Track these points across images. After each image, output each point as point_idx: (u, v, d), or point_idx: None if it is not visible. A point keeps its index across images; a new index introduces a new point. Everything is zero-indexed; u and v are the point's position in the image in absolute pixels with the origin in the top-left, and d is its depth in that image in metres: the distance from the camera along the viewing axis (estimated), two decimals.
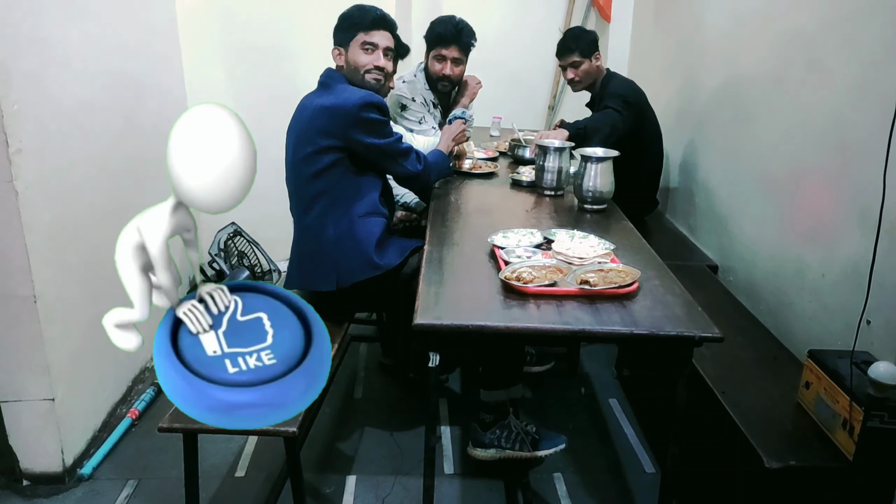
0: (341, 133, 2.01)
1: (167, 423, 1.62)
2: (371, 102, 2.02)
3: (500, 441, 2.11)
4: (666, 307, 1.55)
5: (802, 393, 1.70)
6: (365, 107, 2.00)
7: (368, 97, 2.02)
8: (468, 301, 1.58)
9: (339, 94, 2.05)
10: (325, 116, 2.02)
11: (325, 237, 2.06)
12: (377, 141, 2.06)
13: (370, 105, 2.02)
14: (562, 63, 3.00)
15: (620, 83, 2.92)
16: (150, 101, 2.83)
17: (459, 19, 2.77)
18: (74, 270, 2.16)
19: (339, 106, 2.01)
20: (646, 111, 2.94)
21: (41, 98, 1.98)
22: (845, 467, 1.50)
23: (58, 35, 2.09)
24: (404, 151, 2.18)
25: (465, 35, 2.75)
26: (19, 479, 2.08)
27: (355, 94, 2.03)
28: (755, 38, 2.43)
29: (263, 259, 3.60)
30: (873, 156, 1.63)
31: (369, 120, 2.02)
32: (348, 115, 1.99)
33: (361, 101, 2.00)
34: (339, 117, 2.00)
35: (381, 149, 2.09)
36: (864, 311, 1.59)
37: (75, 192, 2.18)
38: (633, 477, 2.21)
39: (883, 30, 1.69)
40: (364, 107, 2.00)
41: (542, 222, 2.15)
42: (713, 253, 2.74)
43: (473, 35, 2.79)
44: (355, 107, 1.99)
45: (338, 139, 2.02)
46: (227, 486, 2.12)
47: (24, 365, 1.98)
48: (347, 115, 1.99)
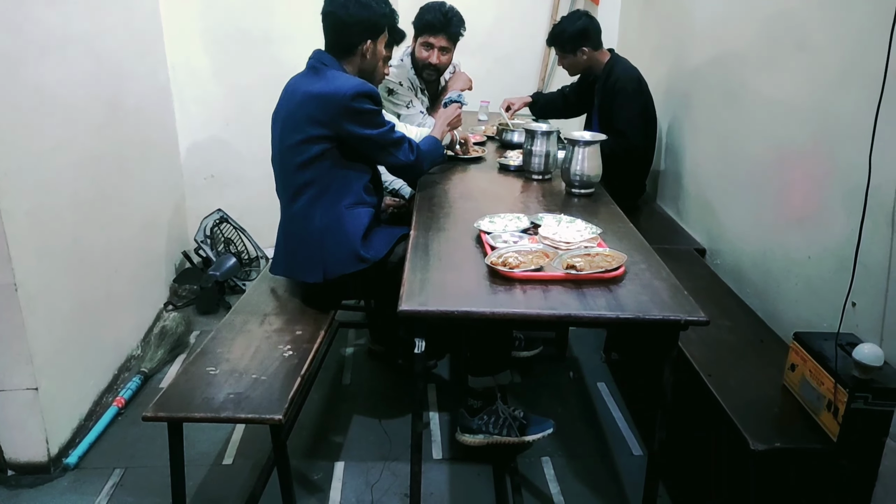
0: (332, 122, 1.95)
1: (151, 412, 1.60)
2: (364, 92, 1.95)
3: (488, 427, 2.11)
4: (652, 291, 1.54)
5: (788, 375, 1.71)
6: (358, 96, 1.93)
7: (361, 86, 1.96)
8: (454, 287, 1.57)
9: (330, 81, 1.97)
10: (315, 104, 1.95)
11: (312, 227, 2.03)
12: (369, 132, 2.00)
13: (363, 94, 1.95)
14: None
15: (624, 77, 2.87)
16: (132, 86, 2.79)
17: (449, 6, 2.73)
18: (57, 258, 2.13)
19: (330, 94, 1.93)
20: (647, 101, 2.95)
21: (19, 83, 1.94)
22: (830, 449, 1.51)
23: (35, 19, 2.04)
24: (396, 141, 2.11)
25: (454, 24, 2.71)
26: (4, 469, 2.07)
27: (348, 82, 1.96)
28: (743, 20, 2.42)
29: (250, 245, 3.58)
30: (859, 137, 1.63)
31: (362, 110, 1.96)
32: (340, 104, 1.92)
33: (354, 91, 1.93)
34: (331, 106, 1.93)
35: (372, 139, 2.02)
36: (850, 293, 1.59)
37: (56, 178, 2.14)
38: (621, 459, 2.22)
39: (870, 10, 1.68)
40: (357, 96, 1.93)
41: (529, 207, 2.13)
42: (701, 236, 2.74)
43: (463, 23, 2.76)
44: (348, 96, 1.92)
45: (328, 128, 1.95)
46: (214, 473, 2.12)
47: (6, 354, 1.96)
48: (339, 104, 1.92)
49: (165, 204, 3.25)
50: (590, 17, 2.95)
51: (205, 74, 3.42)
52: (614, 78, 2.87)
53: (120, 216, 2.63)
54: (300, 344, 1.88)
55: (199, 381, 1.71)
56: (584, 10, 3.10)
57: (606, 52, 2.96)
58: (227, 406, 1.61)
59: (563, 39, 2.90)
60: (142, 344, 2.81)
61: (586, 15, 2.95)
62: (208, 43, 3.39)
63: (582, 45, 2.88)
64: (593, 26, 2.91)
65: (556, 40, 2.94)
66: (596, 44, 2.91)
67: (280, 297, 2.18)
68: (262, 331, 1.96)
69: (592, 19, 2.94)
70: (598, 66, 2.95)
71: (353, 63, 2.08)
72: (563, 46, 2.92)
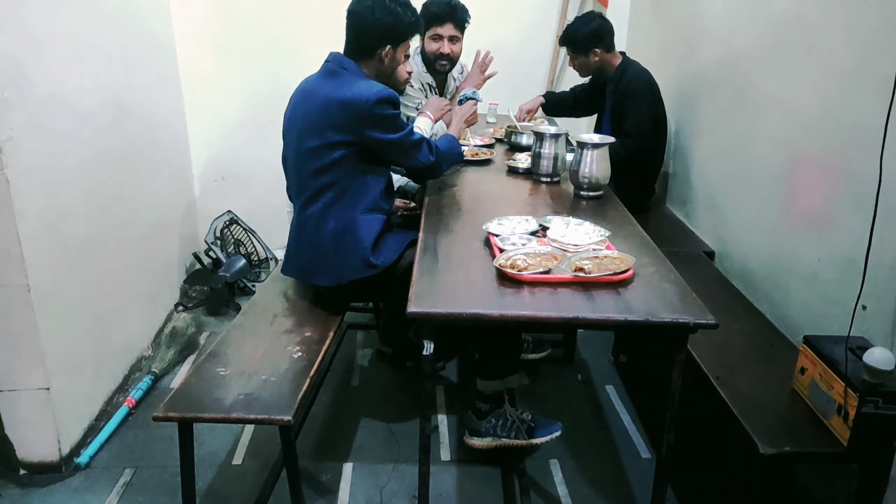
0: (356, 129, 1.93)
1: (162, 412, 1.61)
2: (386, 98, 1.94)
3: (496, 429, 2.11)
4: (661, 294, 1.54)
5: (798, 379, 1.70)
6: (380, 102, 1.92)
7: (384, 92, 1.95)
8: (463, 289, 1.57)
9: (351, 86, 1.95)
10: (337, 110, 1.92)
11: (325, 230, 2.01)
12: (391, 136, 1.99)
13: (385, 100, 1.94)
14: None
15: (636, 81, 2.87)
16: (144, 89, 2.82)
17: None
18: (69, 258, 2.15)
19: (353, 101, 1.91)
20: (659, 105, 2.95)
21: (31, 86, 1.96)
22: (840, 453, 1.50)
23: (48, 22, 2.06)
24: (416, 143, 2.10)
25: (459, 11, 2.75)
26: (16, 469, 2.09)
27: (371, 88, 1.94)
28: (752, 22, 2.41)
29: (260, 247, 3.60)
30: (869, 140, 1.62)
31: (384, 116, 1.95)
32: (363, 110, 1.91)
33: (378, 98, 1.92)
34: (354, 112, 1.91)
35: (393, 144, 2.01)
36: (860, 296, 1.58)
37: (68, 179, 2.16)
38: (629, 462, 2.22)
39: (880, 12, 1.67)
40: (379, 103, 1.92)
41: (537, 209, 2.13)
42: (710, 239, 2.73)
43: (467, 12, 2.79)
44: (371, 102, 1.91)
45: (350, 134, 1.94)
46: (223, 474, 2.13)
47: (19, 354, 1.98)
48: (362, 110, 1.91)
49: (176, 205, 3.27)
50: (603, 18, 2.95)
51: (216, 77, 3.45)
52: (626, 81, 2.87)
53: (131, 218, 2.65)
54: (309, 345, 1.89)
55: (210, 381, 1.72)
56: (598, 12, 3.10)
57: (619, 55, 2.96)
58: (236, 406, 1.62)
59: (575, 40, 2.90)
60: (152, 344, 2.83)
61: (600, 16, 2.95)
62: (219, 46, 3.42)
63: (594, 47, 2.88)
64: (607, 28, 2.91)
65: (568, 41, 2.94)
66: (608, 45, 2.91)
67: (289, 298, 2.19)
68: (271, 332, 1.97)
69: (606, 21, 2.94)
70: (609, 68, 2.95)
71: (370, 66, 2.06)
72: (575, 47, 2.92)
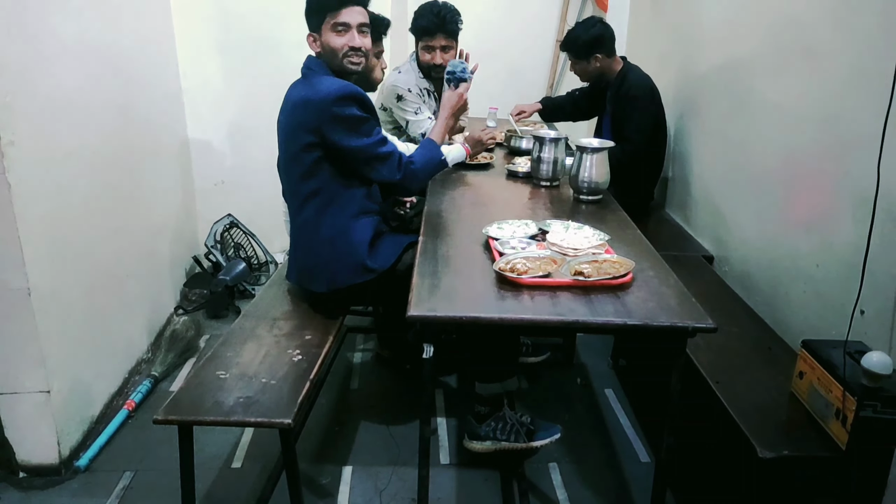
0: (318, 129, 1.87)
1: (162, 415, 1.61)
2: (347, 95, 1.86)
3: (495, 433, 2.11)
4: (660, 298, 1.55)
5: (796, 383, 1.70)
6: (340, 100, 1.85)
7: (344, 89, 1.87)
8: (462, 292, 1.58)
9: (315, 85, 1.90)
10: (302, 110, 1.89)
11: (319, 238, 2.01)
12: (352, 142, 1.89)
13: (346, 98, 1.86)
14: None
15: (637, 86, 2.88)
16: (144, 93, 2.82)
17: (442, 4, 2.75)
18: (69, 262, 2.15)
19: (312, 100, 1.86)
20: (659, 110, 2.96)
21: (34, 90, 1.97)
22: (838, 457, 1.51)
23: (50, 26, 2.07)
24: (382, 156, 1.96)
25: (448, 22, 2.74)
26: (16, 472, 2.09)
27: (331, 85, 1.87)
28: (751, 26, 2.42)
29: (260, 250, 3.60)
30: (868, 144, 1.63)
31: (345, 116, 1.86)
32: (322, 110, 1.85)
33: (336, 94, 1.84)
34: (314, 112, 1.86)
35: (355, 151, 1.92)
36: (858, 300, 1.59)
37: (69, 183, 2.17)
38: (628, 466, 2.22)
39: (878, 16, 1.68)
40: (339, 100, 1.85)
41: (537, 213, 2.14)
42: (709, 244, 2.73)
43: (458, 17, 2.78)
44: (328, 101, 1.84)
45: (315, 135, 1.88)
46: (223, 477, 2.13)
47: (20, 357, 1.98)
48: (321, 109, 1.85)
49: (176, 209, 3.27)
50: (604, 24, 2.96)
51: (215, 81, 3.45)
52: (627, 86, 2.88)
53: (132, 221, 2.66)
54: (309, 348, 1.90)
55: (209, 384, 1.72)
56: (599, 17, 3.11)
57: (619, 60, 2.97)
58: (236, 410, 1.62)
59: (577, 45, 2.90)
60: (152, 348, 2.83)
61: (601, 22, 2.95)
62: (219, 50, 3.42)
63: (596, 52, 2.89)
64: (608, 33, 2.92)
65: (569, 46, 2.95)
66: (609, 51, 2.92)
67: (289, 301, 2.20)
68: (271, 335, 1.97)
69: (607, 26, 2.95)
70: (610, 74, 2.96)
71: (323, 60, 1.99)
72: (576, 52, 2.93)
